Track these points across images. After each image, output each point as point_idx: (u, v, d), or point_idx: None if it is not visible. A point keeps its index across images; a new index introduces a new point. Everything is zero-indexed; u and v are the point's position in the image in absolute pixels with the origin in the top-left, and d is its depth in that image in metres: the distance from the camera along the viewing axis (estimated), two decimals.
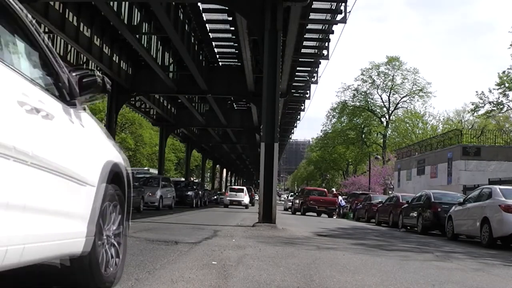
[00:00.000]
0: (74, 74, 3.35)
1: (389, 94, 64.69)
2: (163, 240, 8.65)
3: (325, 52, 27.47)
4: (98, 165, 3.52)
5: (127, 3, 20.67)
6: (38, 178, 2.69)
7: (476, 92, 43.84)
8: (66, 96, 3.26)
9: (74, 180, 3.14)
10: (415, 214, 19.02)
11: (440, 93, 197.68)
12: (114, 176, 3.75)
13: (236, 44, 26.59)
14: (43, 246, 2.83)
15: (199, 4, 22.73)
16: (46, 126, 2.84)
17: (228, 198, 39.20)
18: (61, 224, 3.02)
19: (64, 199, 3.05)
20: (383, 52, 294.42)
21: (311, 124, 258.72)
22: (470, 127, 52.39)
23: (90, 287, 3.55)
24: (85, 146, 3.45)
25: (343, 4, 20.46)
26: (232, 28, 24.48)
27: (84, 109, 3.59)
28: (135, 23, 21.98)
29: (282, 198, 79.53)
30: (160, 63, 26.64)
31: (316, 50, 27.92)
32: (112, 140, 4.08)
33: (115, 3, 19.75)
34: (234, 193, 39.80)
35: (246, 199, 38.92)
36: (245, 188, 41.53)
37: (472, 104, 43.64)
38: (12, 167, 2.40)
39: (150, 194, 24.58)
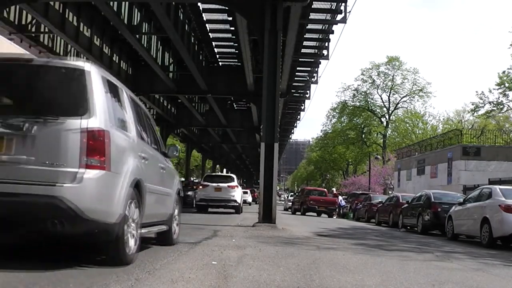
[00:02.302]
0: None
1: (389, 94, 64.69)
2: None
3: (325, 52, 27.48)
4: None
5: (127, 3, 20.66)
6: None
7: (476, 92, 43.83)
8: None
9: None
10: (415, 214, 19.03)
11: (440, 93, 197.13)
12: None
13: (236, 44, 26.58)
14: None
15: (199, 4, 22.73)
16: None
17: None
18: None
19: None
20: (383, 52, 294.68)
21: (311, 124, 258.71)
22: (470, 127, 52.35)
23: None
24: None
25: (343, 4, 20.47)
26: (232, 28, 24.48)
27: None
28: (135, 23, 21.97)
29: (282, 198, 79.47)
30: (160, 63, 26.64)
31: (316, 50, 27.93)
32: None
33: (115, 3, 19.74)
34: None
35: (249, 198, 47.96)
36: (248, 191, 51.02)
37: (472, 104, 43.65)
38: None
39: None
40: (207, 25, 25.71)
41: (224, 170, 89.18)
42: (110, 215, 5.02)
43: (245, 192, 50.07)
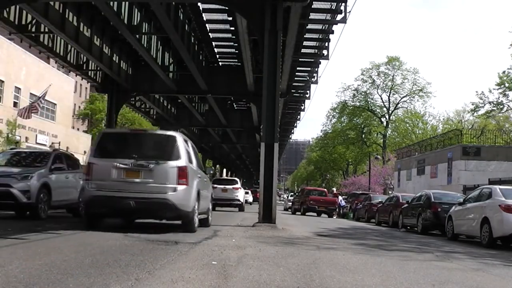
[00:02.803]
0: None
1: (389, 94, 64.70)
2: (163, 240, 8.65)
3: (325, 52, 27.43)
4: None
5: (127, 3, 20.62)
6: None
7: (476, 92, 43.76)
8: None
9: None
10: (415, 214, 19.02)
11: (440, 93, 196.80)
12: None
13: (236, 44, 26.55)
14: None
15: (199, 4, 22.68)
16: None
17: None
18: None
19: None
20: (383, 52, 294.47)
21: (311, 124, 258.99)
22: (470, 127, 52.35)
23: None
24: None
25: (343, 4, 20.43)
26: (232, 28, 24.44)
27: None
28: (135, 23, 21.94)
29: (282, 198, 79.43)
30: (160, 63, 26.61)
31: (316, 50, 27.88)
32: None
33: (115, 3, 19.71)
34: None
35: (250, 198, 50.55)
36: (250, 191, 53.97)
37: (472, 104, 43.60)
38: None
39: None
40: (207, 25, 25.67)
41: (224, 170, 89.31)
42: (189, 207, 10.28)
43: (246, 192, 51.23)
